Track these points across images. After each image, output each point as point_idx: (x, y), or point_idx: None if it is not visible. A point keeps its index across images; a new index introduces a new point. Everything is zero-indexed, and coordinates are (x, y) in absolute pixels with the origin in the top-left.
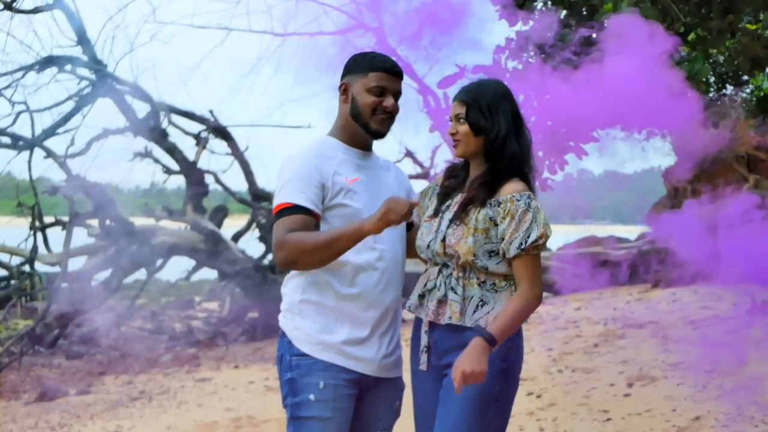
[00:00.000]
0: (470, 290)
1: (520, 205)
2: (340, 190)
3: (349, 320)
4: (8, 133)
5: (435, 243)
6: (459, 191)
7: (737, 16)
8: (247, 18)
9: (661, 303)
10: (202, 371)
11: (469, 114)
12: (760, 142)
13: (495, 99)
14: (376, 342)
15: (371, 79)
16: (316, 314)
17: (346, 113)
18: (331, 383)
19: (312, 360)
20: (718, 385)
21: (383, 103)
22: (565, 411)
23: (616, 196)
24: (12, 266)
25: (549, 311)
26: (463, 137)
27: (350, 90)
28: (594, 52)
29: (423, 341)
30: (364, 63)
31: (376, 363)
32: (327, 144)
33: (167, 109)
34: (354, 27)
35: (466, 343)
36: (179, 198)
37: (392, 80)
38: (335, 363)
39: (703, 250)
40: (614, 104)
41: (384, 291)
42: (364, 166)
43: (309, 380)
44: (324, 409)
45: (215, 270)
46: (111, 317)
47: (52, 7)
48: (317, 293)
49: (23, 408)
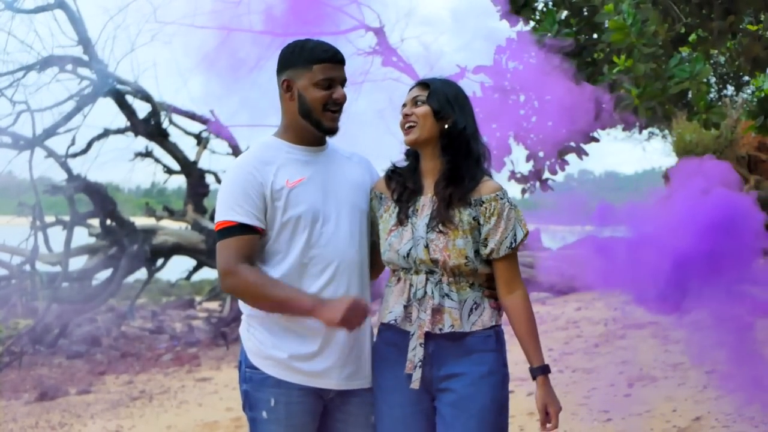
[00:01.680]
0: (463, 294)
1: (505, 203)
2: (280, 196)
3: (295, 333)
4: (9, 132)
5: (417, 250)
6: (419, 193)
7: (738, 17)
8: (248, 18)
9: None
10: (202, 371)
11: (431, 97)
12: (761, 142)
13: (458, 95)
14: (333, 353)
15: (317, 72)
16: (263, 328)
17: (294, 111)
18: (282, 400)
19: (263, 375)
20: (718, 385)
21: (333, 95)
22: (566, 411)
23: (617, 197)
24: (13, 266)
25: (549, 311)
26: (421, 119)
27: (294, 86)
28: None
29: (418, 355)
30: (305, 55)
31: (335, 376)
32: (269, 147)
33: (168, 109)
34: (355, 27)
35: (468, 350)
36: (180, 198)
37: (338, 69)
38: (284, 379)
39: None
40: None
41: (337, 293)
42: (312, 162)
43: (260, 396)
44: (277, 427)
45: (216, 270)
46: (111, 317)
47: (53, 6)
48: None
49: (24, 407)
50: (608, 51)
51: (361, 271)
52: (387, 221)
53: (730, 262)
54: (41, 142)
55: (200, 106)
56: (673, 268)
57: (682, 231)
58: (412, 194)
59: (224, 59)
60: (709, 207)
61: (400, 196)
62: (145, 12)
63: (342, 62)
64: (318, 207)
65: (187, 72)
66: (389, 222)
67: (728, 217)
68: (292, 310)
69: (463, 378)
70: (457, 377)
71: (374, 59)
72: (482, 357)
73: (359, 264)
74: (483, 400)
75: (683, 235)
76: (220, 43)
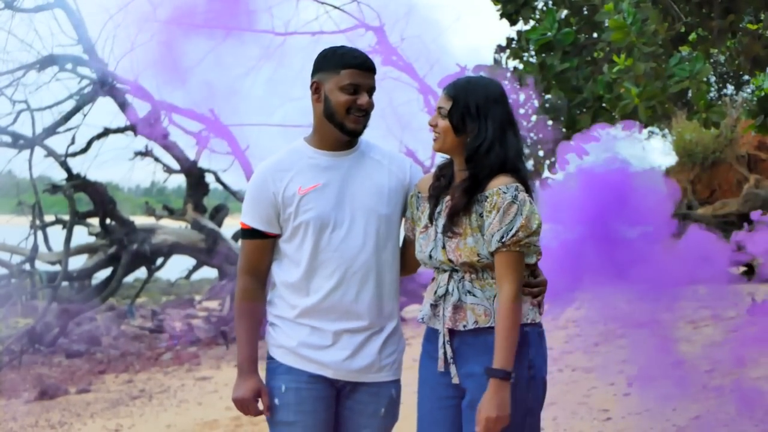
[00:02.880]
0: (489, 290)
1: (506, 197)
2: (291, 203)
3: (308, 327)
4: (9, 131)
5: (437, 251)
6: (447, 193)
7: (738, 16)
8: (248, 17)
9: (662, 302)
10: (202, 370)
11: (453, 111)
12: (760, 141)
13: (486, 102)
14: (343, 347)
15: (344, 76)
16: (278, 320)
17: (320, 113)
18: (292, 386)
19: (276, 364)
20: (718, 384)
21: (358, 101)
22: (566, 410)
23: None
24: (12, 265)
25: (549, 310)
26: (442, 133)
27: (322, 89)
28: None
29: (448, 352)
30: (335, 60)
31: (341, 367)
32: (293, 153)
33: (168, 108)
34: (355, 26)
35: (489, 348)
36: (180, 197)
37: (366, 76)
38: (294, 366)
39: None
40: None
41: (346, 296)
42: (334, 167)
43: (273, 384)
44: (287, 412)
45: (215, 269)
46: (111, 316)
47: (53, 6)
48: (278, 309)
49: (23, 406)
50: (608, 50)
51: (378, 275)
52: (420, 221)
53: (627, 246)
54: (41, 141)
55: (200, 105)
56: (566, 254)
57: (577, 213)
58: (442, 192)
59: (225, 58)
60: (608, 184)
61: (435, 192)
62: (145, 11)
63: (372, 70)
64: (328, 213)
65: (186, 71)
66: (422, 222)
67: (627, 194)
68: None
69: (482, 378)
70: (477, 377)
71: (374, 58)
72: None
73: (375, 268)
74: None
75: (577, 217)
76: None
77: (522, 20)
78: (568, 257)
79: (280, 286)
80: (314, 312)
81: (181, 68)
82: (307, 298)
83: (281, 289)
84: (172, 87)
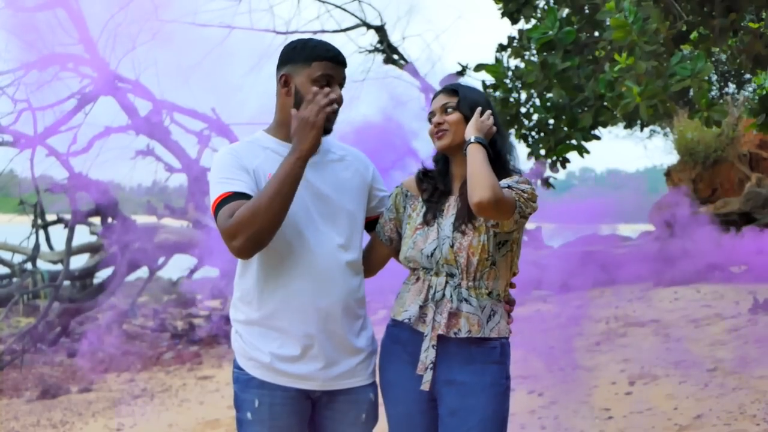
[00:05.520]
0: (482, 300)
1: (521, 179)
2: (261, 185)
3: (275, 336)
4: (10, 131)
5: (442, 249)
6: (448, 194)
7: (739, 14)
8: (249, 16)
9: (663, 301)
10: (204, 369)
11: (462, 104)
12: (762, 140)
13: (486, 101)
14: (317, 357)
15: (315, 68)
16: (246, 330)
17: (288, 107)
18: (266, 401)
19: (248, 376)
20: (719, 383)
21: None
22: (567, 409)
23: (618, 195)
24: (14, 264)
25: (550, 309)
26: (453, 126)
27: (292, 81)
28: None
29: (430, 356)
30: (307, 52)
31: (318, 377)
32: (254, 144)
33: (169, 107)
34: (356, 25)
35: (473, 359)
36: (181, 196)
37: (337, 69)
38: (268, 380)
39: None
40: None
41: (317, 297)
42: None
43: (245, 397)
44: (261, 428)
45: (217, 268)
46: (113, 315)
47: (54, 4)
48: (243, 310)
49: (25, 405)
50: (609, 49)
51: (344, 272)
52: (414, 220)
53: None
54: (42, 141)
55: (201, 104)
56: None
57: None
58: (442, 195)
59: (226, 57)
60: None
61: (431, 197)
62: (147, 10)
63: (343, 64)
64: (295, 210)
65: (188, 70)
66: (416, 221)
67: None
68: (291, 178)
69: (463, 387)
70: (458, 385)
71: (375, 57)
72: (485, 368)
73: (342, 265)
74: (484, 412)
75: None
76: (222, 41)
77: (523, 19)
78: (568, 258)
79: (244, 289)
80: (281, 313)
81: (182, 67)
82: (274, 298)
83: (246, 292)
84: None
